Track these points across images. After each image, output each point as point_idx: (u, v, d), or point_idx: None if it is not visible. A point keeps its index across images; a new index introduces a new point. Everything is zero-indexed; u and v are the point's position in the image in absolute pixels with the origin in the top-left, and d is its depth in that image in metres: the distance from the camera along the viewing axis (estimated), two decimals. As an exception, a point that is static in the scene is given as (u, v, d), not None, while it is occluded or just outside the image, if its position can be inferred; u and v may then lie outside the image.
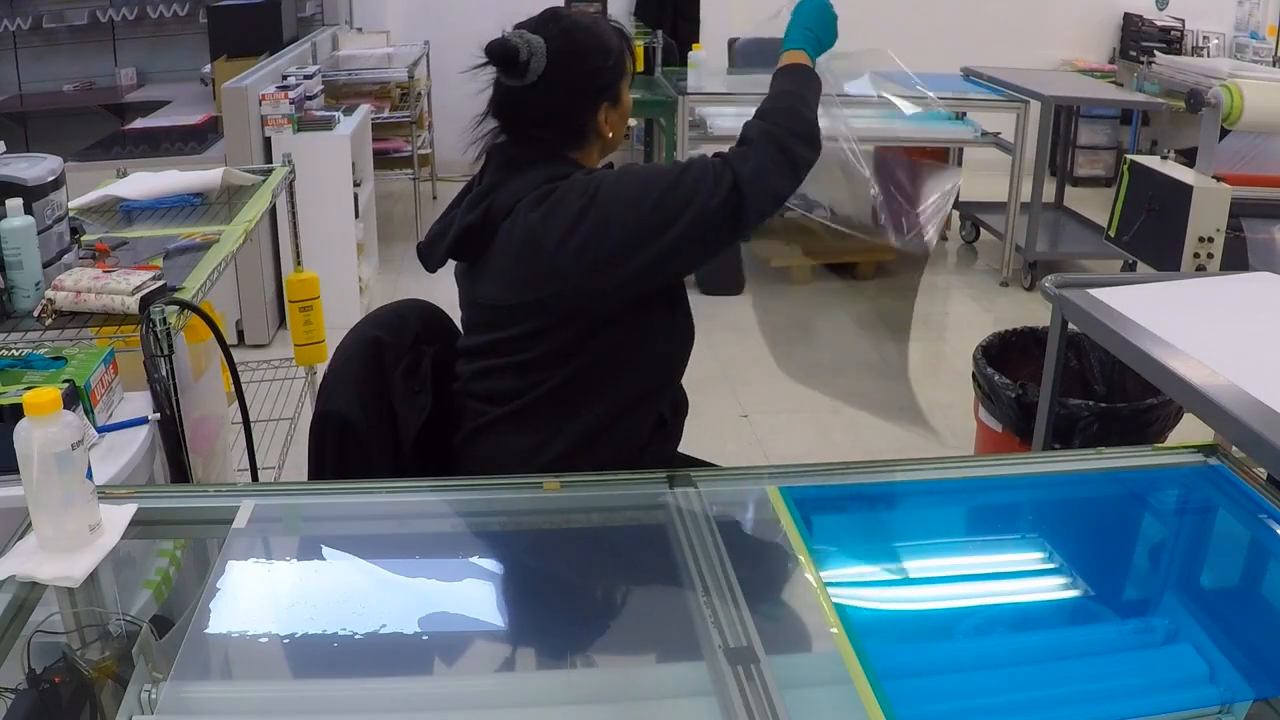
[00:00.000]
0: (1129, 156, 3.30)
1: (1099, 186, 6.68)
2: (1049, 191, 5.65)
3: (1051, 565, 1.56)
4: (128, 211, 2.64)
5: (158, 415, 1.80)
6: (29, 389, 1.46)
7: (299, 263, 3.16)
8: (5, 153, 2.12)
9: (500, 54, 1.60)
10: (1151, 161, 3.17)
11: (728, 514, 1.50)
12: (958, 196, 2.04)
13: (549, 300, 1.58)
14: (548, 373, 1.63)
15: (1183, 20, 6.82)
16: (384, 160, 5.39)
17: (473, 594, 1.46)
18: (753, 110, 1.70)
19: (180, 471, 1.81)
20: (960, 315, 5.02)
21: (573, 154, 1.67)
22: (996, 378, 2.92)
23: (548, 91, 1.62)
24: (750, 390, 4.08)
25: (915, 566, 1.58)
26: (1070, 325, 2.23)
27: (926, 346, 4.63)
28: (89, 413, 1.71)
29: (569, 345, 1.61)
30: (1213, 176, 2.98)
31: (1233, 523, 1.59)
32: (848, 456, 3.52)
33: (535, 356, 1.63)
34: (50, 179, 2.02)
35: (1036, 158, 5.05)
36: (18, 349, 1.81)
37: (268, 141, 4.24)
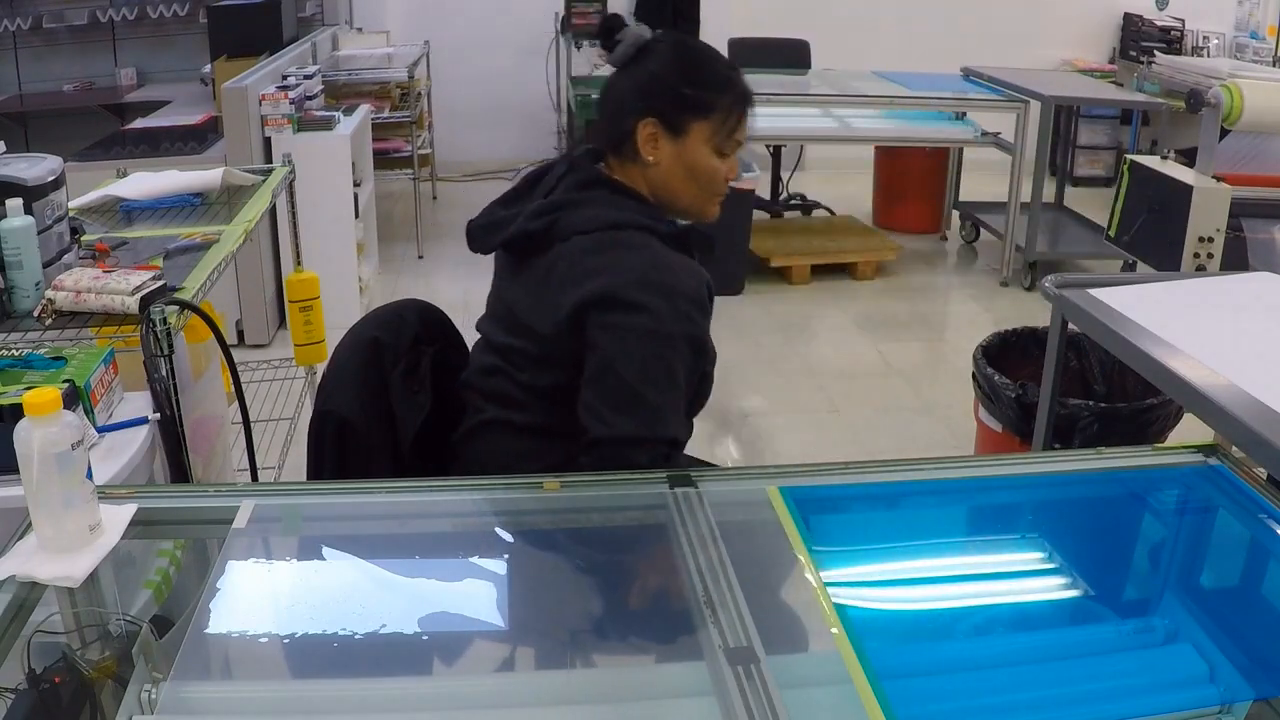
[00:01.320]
0: (1129, 156, 3.30)
1: (1099, 186, 6.67)
2: (1049, 191, 5.65)
3: (1051, 565, 1.56)
4: (128, 211, 2.64)
5: (158, 415, 1.80)
6: (29, 389, 1.46)
7: (299, 263, 3.16)
8: (5, 153, 2.12)
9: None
10: (1151, 161, 3.17)
11: (728, 514, 1.50)
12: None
13: (551, 339, 1.58)
14: (548, 401, 1.63)
15: (1183, 20, 6.82)
16: (384, 160, 5.39)
17: (473, 594, 1.46)
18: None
19: (180, 471, 1.81)
20: (960, 315, 5.01)
21: (622, 174, 1.64)
22: (996, 378, 2.92)
23: (620, 79, 1.64)
24: (750, 390, 4.08)
25: (915, 566, 1.58)
26: (1070, 325, 2.23)
27: (926, 346, 4.63)
28: (89, 413, 1.71)
29: (569, 386, 1.58)
30: (1213, 176, 2.98)
31: (1233, 523, 1.59)
32: (848, 456, 3.53)
33: (538, 384, 1.62)
34: (50, 179, 2.02)
35: (1036, 158, 5.05)
36: (18, 349, 1.81)
37: (268, 141, 4.24)
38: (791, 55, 6.21)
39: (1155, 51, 6.20)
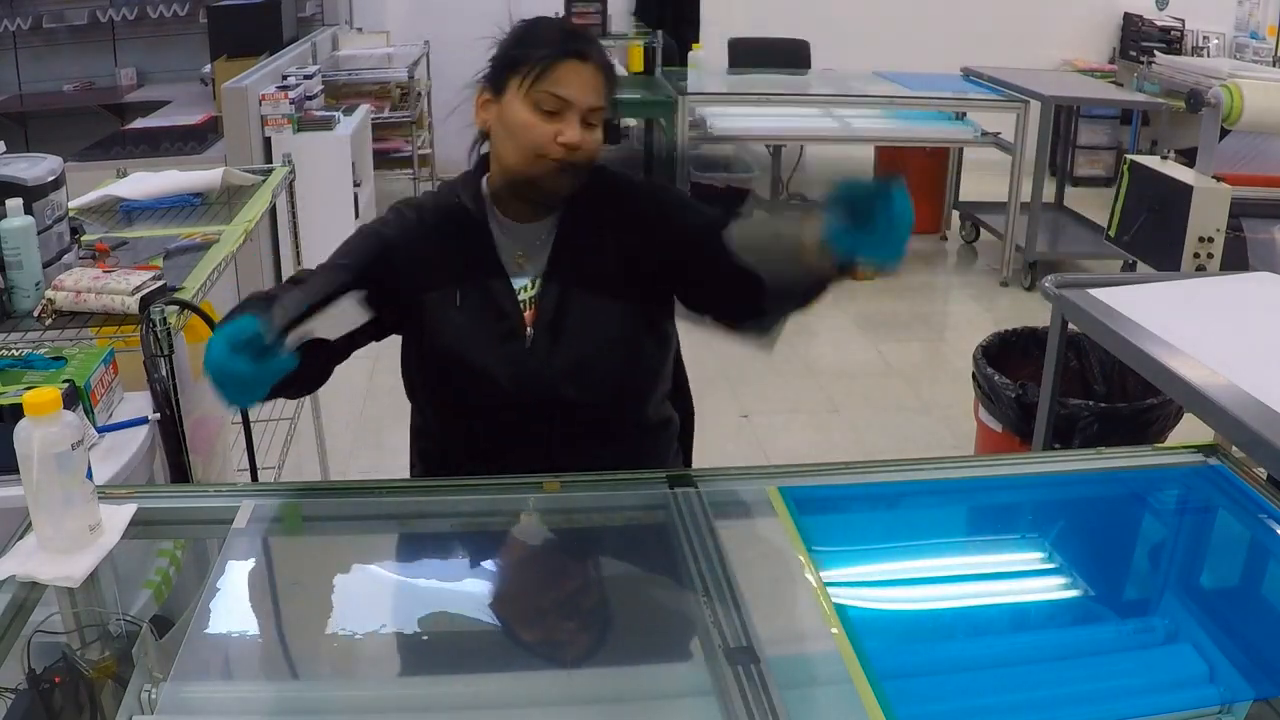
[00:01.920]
0: (1129, 156, 3.30)
1: (1099, 186, 6.67)
2: (1049, 191, 5.65)
3: (1051, 565, 1.56)
4: (128, 211, 2.64)
5: (158, 415, 1.80)
6: (29, 389, 1.46)
7: (299, 263, 3.16)
8: (5, 153, 2.12)
9: None
10: (1151, 161, 3.18)
11: (728, 514, 1.50)
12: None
13: None
14: None
15: (1183, 20, 6.82)
16: (384, 160, 5.39)
17: (473, 594, 1.46)
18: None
19: (180, 471, 1.81)
20: (960, 315, 5.02)
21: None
22: (996, 378, 2.92)
23: None
24: (750, 390, 4.08)
25: (915, 566, 1.58)
26: (1070, 325, 2.23)
27: (926, 346, 4.63)
28: (89, 413, 1.71)
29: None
30: (1213, 176, 2.99)
31: (1233, 523, 1.59)
32: (848, 456, 3.53)
33: None
34: (50, 179, 2.02)
35: (1036, 158, 5.05)
36: (18, 349, 1.81)
37: (268, 141, 4.24)
38: (791, 55, 6.21)
39: (1155, 51, 6.20)
